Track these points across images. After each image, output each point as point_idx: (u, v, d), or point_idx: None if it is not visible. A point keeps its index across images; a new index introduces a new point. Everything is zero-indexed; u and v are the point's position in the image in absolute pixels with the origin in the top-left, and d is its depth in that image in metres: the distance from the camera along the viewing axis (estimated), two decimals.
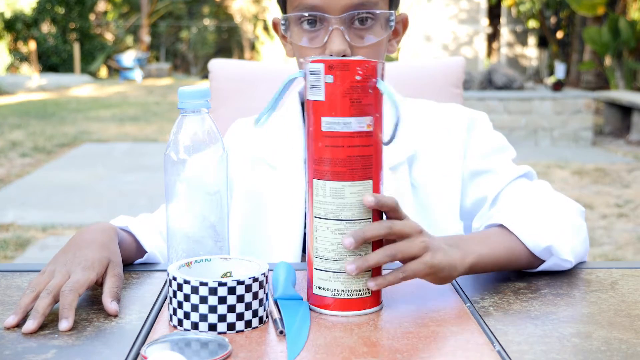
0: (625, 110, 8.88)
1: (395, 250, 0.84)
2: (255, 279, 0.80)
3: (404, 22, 1.22)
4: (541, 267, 1.01)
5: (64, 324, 0.81)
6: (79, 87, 17.28)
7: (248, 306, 0.80)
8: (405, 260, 0.85)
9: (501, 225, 1.00)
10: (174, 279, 0.81)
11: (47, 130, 9.32)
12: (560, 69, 9.88)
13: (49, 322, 0.83)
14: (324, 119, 0.83)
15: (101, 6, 24.79)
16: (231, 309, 0.79)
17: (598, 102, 9.98)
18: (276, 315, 0.83)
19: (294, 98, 1.29)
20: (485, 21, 15.95)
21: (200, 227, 0.90)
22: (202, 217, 0.90)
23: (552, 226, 1.01)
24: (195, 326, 0.80)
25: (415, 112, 1.26)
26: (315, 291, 0.87)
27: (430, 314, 0.86)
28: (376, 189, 0.85)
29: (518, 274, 1.02)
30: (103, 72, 21.54)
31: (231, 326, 0.80)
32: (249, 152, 1.27)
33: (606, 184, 5.94)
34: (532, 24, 16.79)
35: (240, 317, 0.80)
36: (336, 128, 0.83)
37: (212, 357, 0.72)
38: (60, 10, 21.45)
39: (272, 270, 0.94)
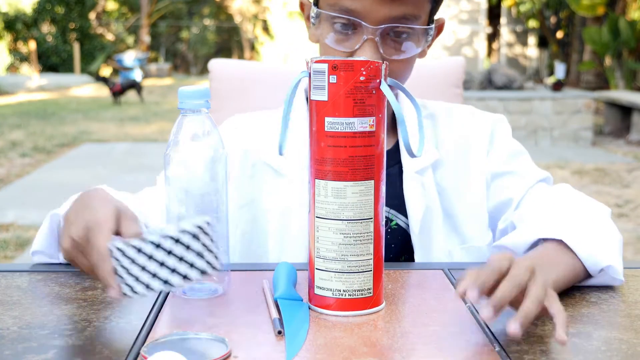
0: (625, 110, 8.89)
1: (518, 280, 0.77)
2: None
3: (439, 28, 1.16)
4: (591, 282, 0.97)
5: (113, 293, 0.80)
6: (79, 87, 17.28)
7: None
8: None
9: (559, 240, 0.95)
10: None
11: (47, 130, 9.33)
12: (560, 69, 9.88)
13: (49, 322, 0.83)
14: (327, 119, 0.83)
15: (101, 6, 24.79)
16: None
17: (598, 102, 9.99)
18: (275, 315, 0.83)
19: (300, 98, 1.23)
20: (485, 21, 15.94)
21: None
22: (202, 217, 0.90)
23: (607, 244, 0.97)
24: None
25: (437, 116, 1.23)
26: (317, 291, 0.87)
27: (430, 314, 0.86)
28: (377, 189, 0.85)
29: None
30: (106, 72, 21.54)
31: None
32: (249, 156, 1.20)
33: (606, 184, 5.94)
34: (532, 24, 16.80)
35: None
36: (339, 128, 0.83)
37: (212, 357, 0.72)
38: (60, 10, 21.47)
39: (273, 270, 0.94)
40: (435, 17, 1.14)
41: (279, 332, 0.79)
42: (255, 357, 0.74)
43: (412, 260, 1.17)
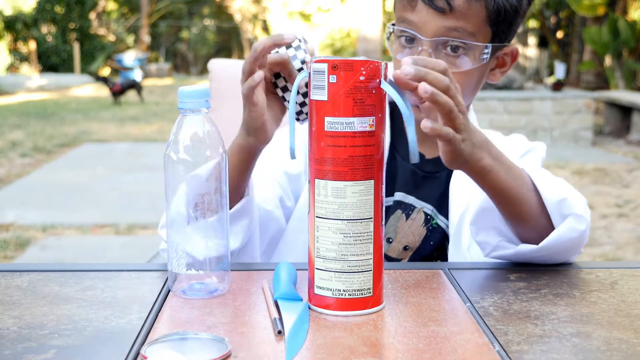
0: (625, 110, 8.89)
1: (451, 106, 0.86)
2: None
3: (513, 55, 1.21)
4: (553, 234, 1.00)
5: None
6: (79, 87, 17.28)
7: None
8: (446, 121, 0.87)
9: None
10: None
11: (47, 130, 9.33)
12: (560, 69, 9.88)
13: (49, 322, 0.83)
14: (327, 119, 0.83)
15: (101, 6, 24.79)
16: None
17: (598, 102, 9.99)
18: (275, 315, 0.83)
19: None
20: None
21: (200, 227, 0.90)
22: (202, 217, 0.90)
23: (568, 187, 1.03)
24: None
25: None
26: (317, 291, 0.87)
27: (430, 314, 0.86)
28: (377, 189, 0.85)
29: (518, 274, 1.02)
30: (106, 72, 21.55)
31: None
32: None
33: (606, 184, 5.94)
34: (532, 24, 16.80)
35: None
36: (338, 128, 0.83)
37: (212, 357, 0.72)
38: (60, 10, 21.47)
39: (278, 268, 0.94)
40: (508, 44, 1.18)
41: (279, 332, 0.79)
42: (255, 357, 0.74)
43: (446, 259, 1.23)
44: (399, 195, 1.24)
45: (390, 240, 1.23)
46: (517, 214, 1.01)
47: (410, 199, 1.25)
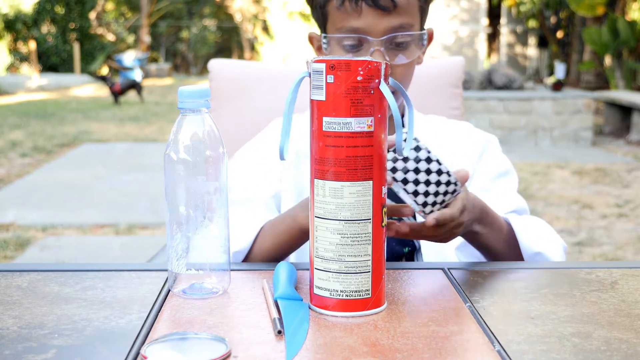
0: (625, 110, 8.89)
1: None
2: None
3: (430, 36, 1.28)
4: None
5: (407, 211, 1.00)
6: (79, 87, 17.28)
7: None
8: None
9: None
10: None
11: (47, 130, 9.33)
12: (560, 69, 9.88)
13: (49, 322, 0.83)
14: (325, 119, 0.83)
15: (101, 6, 24.79)
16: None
17: (598, 102, 9.99)
18: (275, 315, 0.83)
19: None
20: (485, 21, 15.95)
21: (200, 227, 0.90)
22: (202, 217, 0.90)
23: (546, 237, 1.18)
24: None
25: (431, 130, 1.34)
26: (316, 291, 0.87)
27: (430, 314, 0.86)
28: (377, 190, 0.85)
29: (518, 274, 1.02)
30: (104, 71, 21.54)
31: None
32: (292, 147, 1.30)
33: (606, 184, 5.94)
34: (532, 24, 16.80)
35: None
36: (336, 128, 0.83)
37: (212, 357, 0.72)
38: (60, 10, 21.46)
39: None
40: (426, 26, 1.26)
41: (279, 332, 0.79)
42: (255, 357, 0.74)
43: (413, 252, 1.26)
44: None
45: None
46: (496, 258, 1.17)
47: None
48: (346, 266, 0.85)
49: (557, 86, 8.60)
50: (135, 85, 13.68)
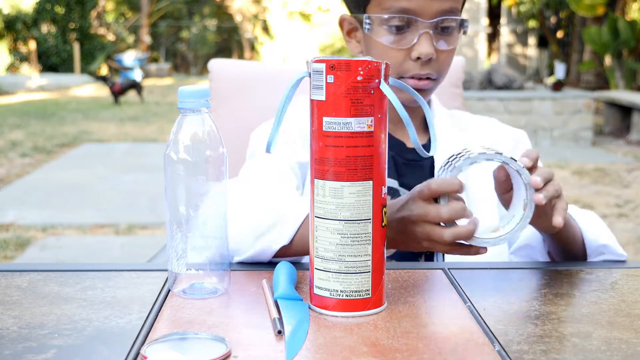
0: (625, 110, 8.89)
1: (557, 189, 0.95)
2: None
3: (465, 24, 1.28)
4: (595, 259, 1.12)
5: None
6: (79, 87, 17.28)
7: None
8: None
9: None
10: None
11: (47, 130, 9.33)
12: (560, 69, 9.88)
13: (49, 322, 0.83)
14: (325, 119, 0.83)
15: (101, 6, 24.79)
16: None
17: (598, 102, 9.99)
18: (275, 314, 0.83)
19: None
20: (485, 21, 15.94)
21: (200, 227, 0.90)
22: (202, 217, 0.90)
23: (607, 229, 1.13)
24: None
25: (464, 123, 1.32)
26: (316, 291, 0.87)
27: (430, 314, 0.86)
28: (377, 190, 0.85)
29: (518, 274, 1.02)
30: (104, 71, 21.55)
31: None
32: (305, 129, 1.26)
33: (606, 184, 5.94)
34: (532, 24, 16.79)
35: None
36: (336, 128, 0.83)
37: (212, 357, 0.72)
38: (60, 10, 21.46)
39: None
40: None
41: (279, 332, 0.79)
42: (255, 357, 0.74)
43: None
44: None
45: None
46: (571, 255, 1.12)
47: (391, 182, 1.24)
48: (346, 266, 0.85)
49: (557, 86, 8.60)
50: (135, 85, 13.68)
